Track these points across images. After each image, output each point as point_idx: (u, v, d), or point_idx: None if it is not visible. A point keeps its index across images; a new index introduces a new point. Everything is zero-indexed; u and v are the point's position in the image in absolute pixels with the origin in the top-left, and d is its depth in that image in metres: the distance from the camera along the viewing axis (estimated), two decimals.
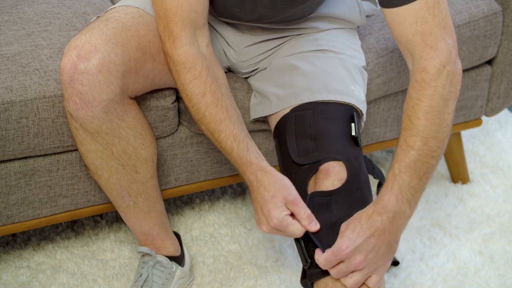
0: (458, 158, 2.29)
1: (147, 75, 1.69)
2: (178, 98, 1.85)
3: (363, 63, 1.80)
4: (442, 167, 2.36)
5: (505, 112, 2.59)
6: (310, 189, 1.60)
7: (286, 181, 1.56)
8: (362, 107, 1.71)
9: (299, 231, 1.54)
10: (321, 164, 1.59)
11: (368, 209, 1.54)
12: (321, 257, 1.53)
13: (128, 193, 1.77)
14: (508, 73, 2.15)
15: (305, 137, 1.64)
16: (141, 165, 1.74)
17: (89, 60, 1.59)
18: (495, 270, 2.02)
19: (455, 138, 2.27)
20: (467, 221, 2.17)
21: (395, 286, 1.96)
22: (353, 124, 1.65)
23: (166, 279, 1.87)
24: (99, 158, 1.71)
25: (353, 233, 1.51)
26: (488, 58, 2.11)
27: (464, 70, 2.11)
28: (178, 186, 1.96)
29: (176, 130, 1.88)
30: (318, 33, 1.79)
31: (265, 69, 1.81)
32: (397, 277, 1.99)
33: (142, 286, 1.85)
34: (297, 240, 1.58)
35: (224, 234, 2.10)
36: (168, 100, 1.81)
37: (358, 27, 1.90)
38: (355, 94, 1.69)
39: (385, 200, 1.54)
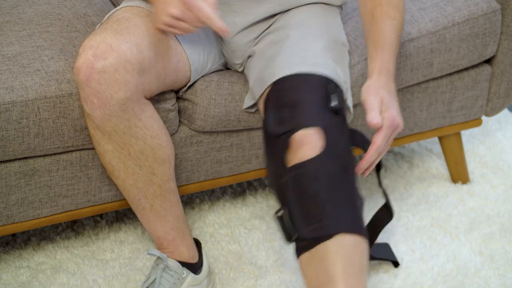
0: (458, 158, 2.29)
1: (159, 75, 1.69)
2: (178, 99, 1.85)
3: (344, 39, 1.83)
4: (442, 167, 2.36)
5: (505, 112, 2.59)
6: (289, 163, 1.58)
7: None
8: (342, 82, 1.71)
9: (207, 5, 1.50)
10: (295, 132, 1.58)
11: (379, 76, 1.65)
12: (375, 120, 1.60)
13: (145, 195, 1.76)
14: (508, 73, 2.15)
15: (283, 107, 1.63)
16: (158, 166, 1.73)
17: (106, 59, 1.59)
18: (495, 270, 2.02)
19: (455, 138, 2.26)
20: (467, 221, 2.17)
21: (395, 286, 1.96)
22: (332, 95, 1.64)
23: (174, 283, 1.84)
24: (116, 158, 1.71)
25: (393, 100, 1.64)
26: (487, 57, 2.11)
27: (464, 70, 2.12)
28: (178, 186, 1.96)
29: (177, 131, 1.88)
30: (297, 14, 1.81)
31: (249, 57, 1.84)
32: (397, 277, 1.99)
33: None
34: (279, 216, 1.59)
35: (224, 234, 2.10)
36: (168, 102, 1.81)
37: (341, 7, 1.91)
38: (333, 68, 1.70)
39: (385, 63, 1.68)
